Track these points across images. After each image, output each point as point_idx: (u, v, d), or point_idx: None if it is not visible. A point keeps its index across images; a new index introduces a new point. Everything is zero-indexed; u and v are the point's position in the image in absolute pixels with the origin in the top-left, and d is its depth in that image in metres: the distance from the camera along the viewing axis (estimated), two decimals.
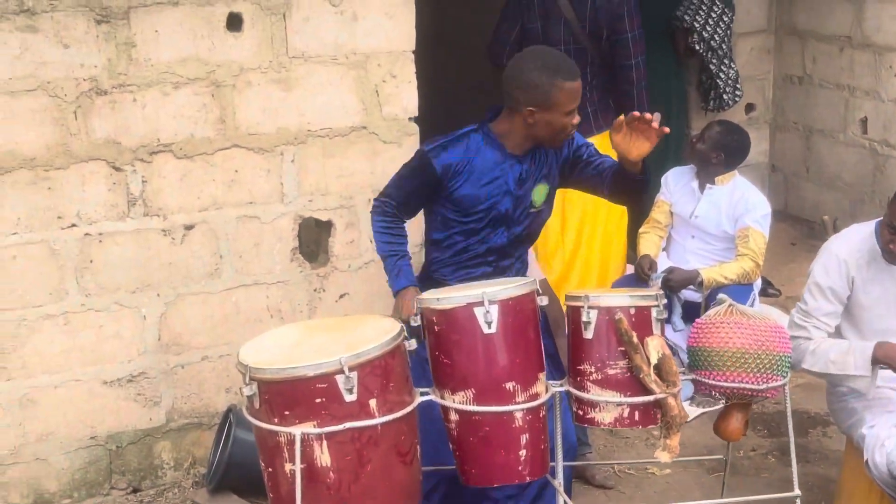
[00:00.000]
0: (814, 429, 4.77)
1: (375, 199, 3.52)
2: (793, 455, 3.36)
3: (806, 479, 4.26)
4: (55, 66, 3.83)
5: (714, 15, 6.29)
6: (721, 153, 4.99)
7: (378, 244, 3.46)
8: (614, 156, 5.54)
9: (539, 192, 3.46)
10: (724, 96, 6.58)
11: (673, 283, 4.83)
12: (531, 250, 4.31)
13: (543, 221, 3.60)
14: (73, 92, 3.87)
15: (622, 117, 3.25)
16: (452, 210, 3.39)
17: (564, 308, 3.23)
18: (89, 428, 4.14)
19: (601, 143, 5.52)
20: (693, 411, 4.68)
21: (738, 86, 6.58)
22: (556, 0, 5.08)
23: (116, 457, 4.20)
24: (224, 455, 4.09)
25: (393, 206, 3.43)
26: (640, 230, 5.20)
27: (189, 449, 4.32)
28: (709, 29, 6.30)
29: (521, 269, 3.56)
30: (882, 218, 3.60)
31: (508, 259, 3.50)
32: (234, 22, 4.06)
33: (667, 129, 3.23)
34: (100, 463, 4.17)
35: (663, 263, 5.04)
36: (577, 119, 3.33)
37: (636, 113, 3.20)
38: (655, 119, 3.17)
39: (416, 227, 3.70)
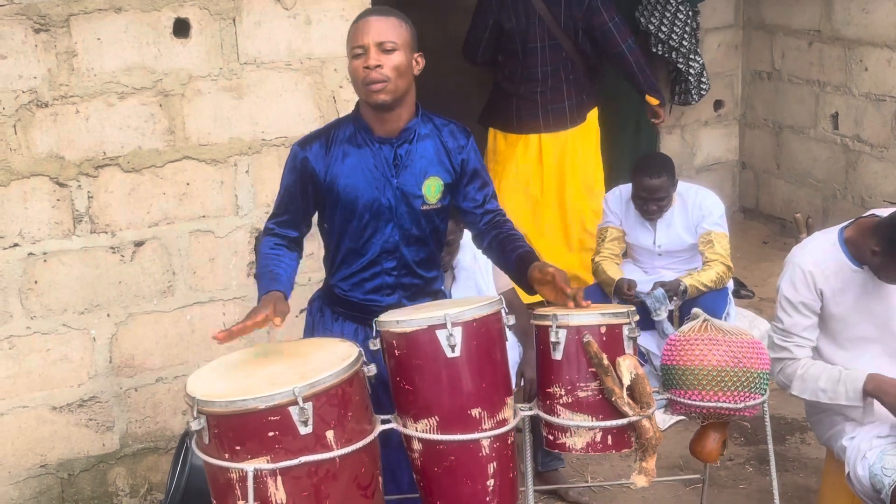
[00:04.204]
0: (791, 435, 4.65)
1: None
2: (773, 473, 3.23)
3: (785, 489, 4.13)
4: None
5: (669, 14, 6.18)
6: (672, 182, 4.83)
7: (256, 268, 3.14)
8: (591, 148, 5.59)
9: (431, 186, 3.12)
10: (692, 90, 6.46)
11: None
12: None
13: (442, 231, 3.27)
14: (11, 105, 3.69)
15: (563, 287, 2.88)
16: (336, 209, 3.11)
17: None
18: (39, 456, 3.96)
19: (577, 133, 5.51)
20: (668, 420, 4.55)
21: (702, 79, 6.46)
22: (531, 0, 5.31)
23: (69, 485, 4.02)
24: (181, 481, 3.90)
25: (275, 223, 3.15)
26: (597, 258, 5.02)
27: (145, 475, 4.15)
28: (664, 30, 6.18)
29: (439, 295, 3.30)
30: (844, 224, 3.49)
31: (415, 278, 3.19)
32: (182, 28, 3.88)
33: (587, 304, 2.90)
34: (51, 492, 4.00)
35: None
36: (370, 60, 2.93)
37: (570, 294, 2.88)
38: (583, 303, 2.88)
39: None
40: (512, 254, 3.11)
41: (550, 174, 5.59)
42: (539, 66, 5.39)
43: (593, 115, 5.64)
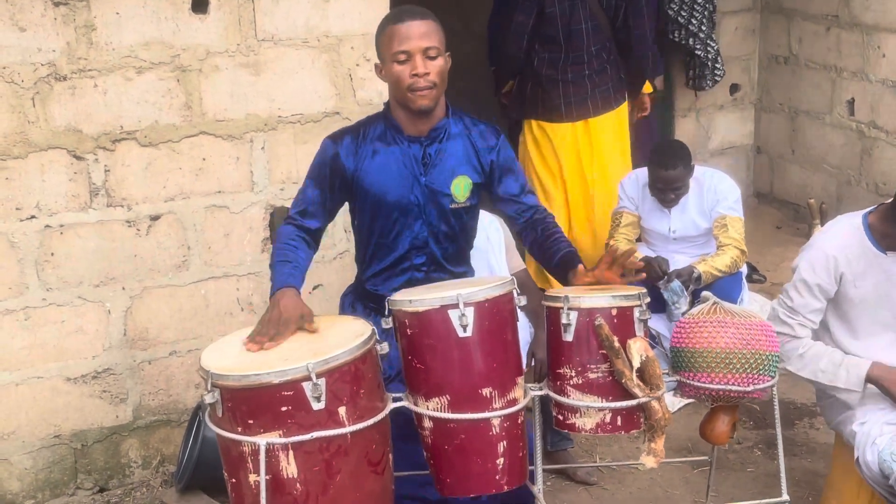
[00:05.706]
0: (800, 420, 4.66)
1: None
2: (780, 457, 3.24)
3: (792, 473, 4.16)
4: (11, 50, 3.66)
5: (696, 2, 6.22)
6: (689, 170, 4.82)
7: (272, 256, 3.11)
8: (626, 130, 5.58)
9: (459, 185, 3.16)
10: (707, 75, 6.45)
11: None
12: (506, 238, 4.17)
13: (472, 228, 3.30)
14: (30, 78, 3.71)
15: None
16: (366, 206, 3.15)
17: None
18: (53, 426, 4.00)
19: (619, 115, 5.48)
20: (676, 403, 4.56)
21: (717, 65, 6.45)
22: None
23: (82, 456, 4.07)
24: (193, 453, 3.95)
25: (298, 213, 3.13)
26: (611, 242, 4.98)
27: (157, 447, 4.19)
28: (684, 14, 6.20)
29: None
30: (869, 209, 3.49)
31: (444, 273, 3.24)
32: (200, 3, 3.90)
33: (640, 267, 3.16)
34: (64, 462, 4.04)
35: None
36: (419, 68, 2.95)
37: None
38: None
39: None
40: (555, 256, 3.16)
41: (601, 158, 5.47)
42: (585, 49, 5.28)
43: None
